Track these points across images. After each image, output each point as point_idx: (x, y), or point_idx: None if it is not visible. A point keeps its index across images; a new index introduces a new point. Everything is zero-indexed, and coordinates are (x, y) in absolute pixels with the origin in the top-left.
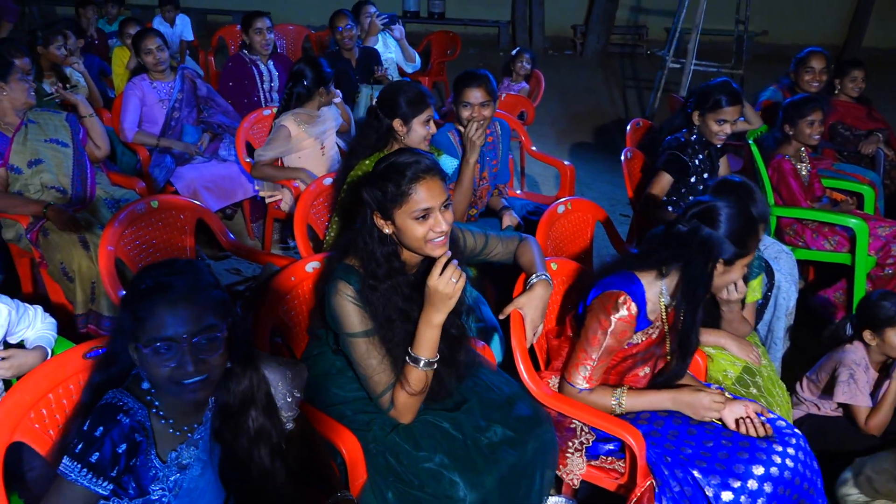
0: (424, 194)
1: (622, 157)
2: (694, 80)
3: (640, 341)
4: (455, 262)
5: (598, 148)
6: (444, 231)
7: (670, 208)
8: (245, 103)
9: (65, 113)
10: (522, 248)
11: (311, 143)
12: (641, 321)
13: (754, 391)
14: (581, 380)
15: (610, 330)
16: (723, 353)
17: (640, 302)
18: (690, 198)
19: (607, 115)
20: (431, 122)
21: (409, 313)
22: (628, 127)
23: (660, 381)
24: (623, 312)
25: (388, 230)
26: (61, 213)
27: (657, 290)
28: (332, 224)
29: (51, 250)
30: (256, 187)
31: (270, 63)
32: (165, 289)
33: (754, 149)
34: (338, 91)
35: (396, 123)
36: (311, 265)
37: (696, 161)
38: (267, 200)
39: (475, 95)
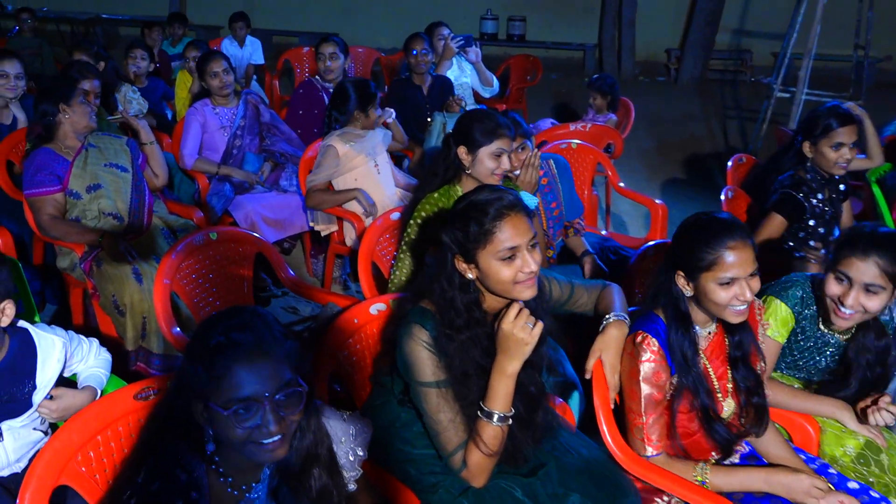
0: (510, 232)
1: (722, 197)
2: (805, 112)
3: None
4: (525, 307)
5: (695, 185)
6: (534, 271)
7: (797, 255)
8: (315, 133)
9: (125, 137)
10: (603, 293)
11: (363, 161)
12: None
13: (877, 470)
14: (642, 445)
15: (641, 377)
16: (838, 425)
17: (662, 337)
18: (811, 242)
19: (705, 148)
20: (505, 157)
21: (487, 368)
22: (730, 163)
23: (734, 437)
24: (646, 353)
25: (470, 275)
26: (115, 243)
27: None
28: (398, 262)
29: (103, 281)
30: (311, 223)
31: None
32: (241, 345)
33: (876, 190)
34: (389, 110)
35: (461, 151)
36: (376, 307)
37: (814, 201)
38: (322, 234)
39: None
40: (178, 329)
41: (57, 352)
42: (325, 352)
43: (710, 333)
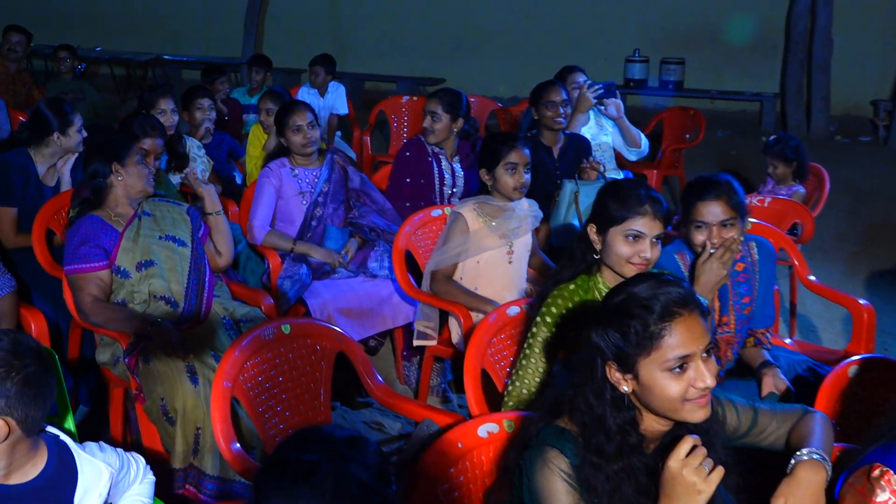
0: (682, 336)
1: None
2: None
3: None
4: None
5: None
6: (709, 386)
7: None
8: (422, 207)
9: (186, 205)
10: (801, 423)
11: (496, 243)
12: None
13: None
14: None
15: None
16: None
17: None
18: None
19: None
20: (646, 242)
21: None
22: None
23: None
24: (884, 493)
25: (626, 387)
26: (168, 335)
27: None
28: (519, 370)
29: (151, 381)
30: (418, 325)
31: (457, 160)
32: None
33: None
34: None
35: (590, 230)
36: (487, 428)
37: None
38: (415, 342)
39: (712, 212)
40: (239, 445)
41: (102, 485)
42: (422, 483)
43: None
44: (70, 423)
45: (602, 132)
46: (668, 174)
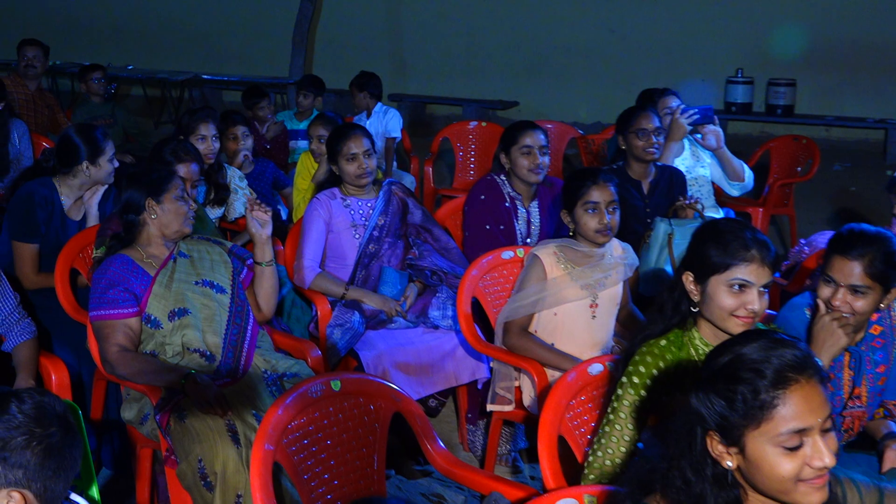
0: (798, 407)
1: None
2: None
3: None
4: None
5: None
6: (827, 466)
7: None
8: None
9: (228, 244)
10: None
11: (577, 294)
12: None
13: None
14: None
15: None
16: None
17: None
18: None
19: None
20: (753, 292)
21: None
22: None
23: None
24: None
25: (730, 462)
26: (204, 390)
27: None
28: (603, 438)
29: (187, 441)
30: (498, 389)
31: (535, 205)
32: None
33: None
34: (610, 216)
35: (686, 279)
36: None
37: None
38: (489, 406)
39: (846, 272)
40: None
41: None
42: None
43: None
44: (94, 490)
45: (699, 164)
46: (776, 213)
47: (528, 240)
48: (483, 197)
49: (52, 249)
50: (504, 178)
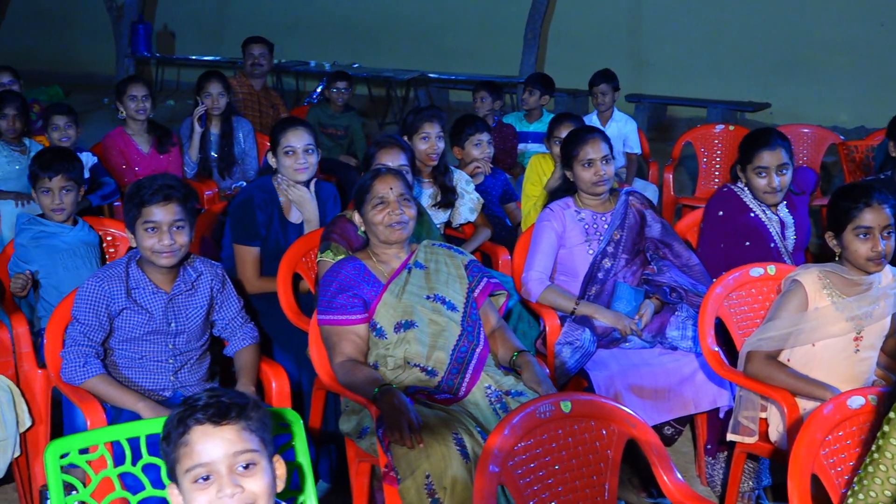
0: None
1: None
2: None
3: None
4: None
5: None
6: None
7: None
8: None
9: (468, 256)
10: None
11: (841, 328)
12: None
13: None
14: None
15: None
16: None
17: None
18: None
19: None
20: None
21: None
22: None
23: None
24: None
25: None
26: (399, 413)
27: None
28: (864, 479)
29: (413, 456)
30: (741, 418)
31: (782, 209)
32: None
33: None
34: (885, 241)
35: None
36: None
37: None
38: (729, 435)
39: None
40: None
41: None
42: None
43: None
44: (313, 502)
45: None
46: None
47: (785, 242)
48: (721, 213)
49: (272, 253)
50: (743, 186)
